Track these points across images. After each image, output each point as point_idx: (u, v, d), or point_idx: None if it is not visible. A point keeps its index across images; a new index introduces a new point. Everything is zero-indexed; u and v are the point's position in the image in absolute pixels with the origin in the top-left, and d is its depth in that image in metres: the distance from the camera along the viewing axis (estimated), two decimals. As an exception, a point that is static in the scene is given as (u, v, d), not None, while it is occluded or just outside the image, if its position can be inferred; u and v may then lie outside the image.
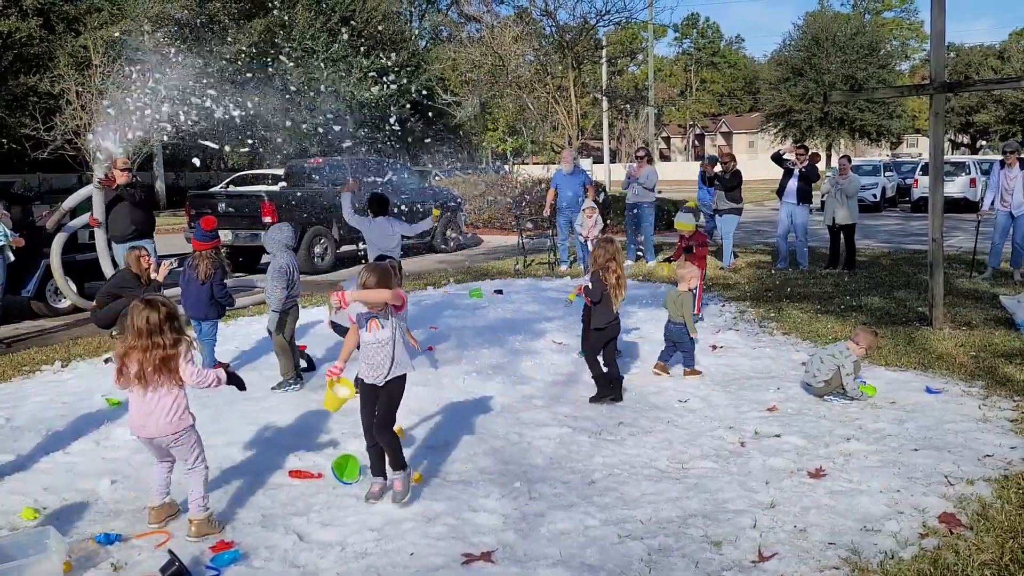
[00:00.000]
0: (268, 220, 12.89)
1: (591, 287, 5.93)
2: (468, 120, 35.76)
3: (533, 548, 3.70)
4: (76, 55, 23.45)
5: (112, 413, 5.71)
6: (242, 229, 13.25)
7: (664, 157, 78.06)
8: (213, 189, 20.94)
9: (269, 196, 13.42)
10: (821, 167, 14.27)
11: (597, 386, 5.90)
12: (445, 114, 32.71)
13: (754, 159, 52.39)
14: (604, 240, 6.02)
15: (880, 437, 5.01)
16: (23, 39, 23.81)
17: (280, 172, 18.42)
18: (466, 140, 45.72)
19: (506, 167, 29.28)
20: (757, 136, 70.70)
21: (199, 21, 28.40)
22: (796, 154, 12.52)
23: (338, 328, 6.40)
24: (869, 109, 49.82)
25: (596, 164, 32.75)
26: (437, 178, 26.95)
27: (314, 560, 3.63)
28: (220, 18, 29.41)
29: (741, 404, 5.78)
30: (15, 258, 8.53)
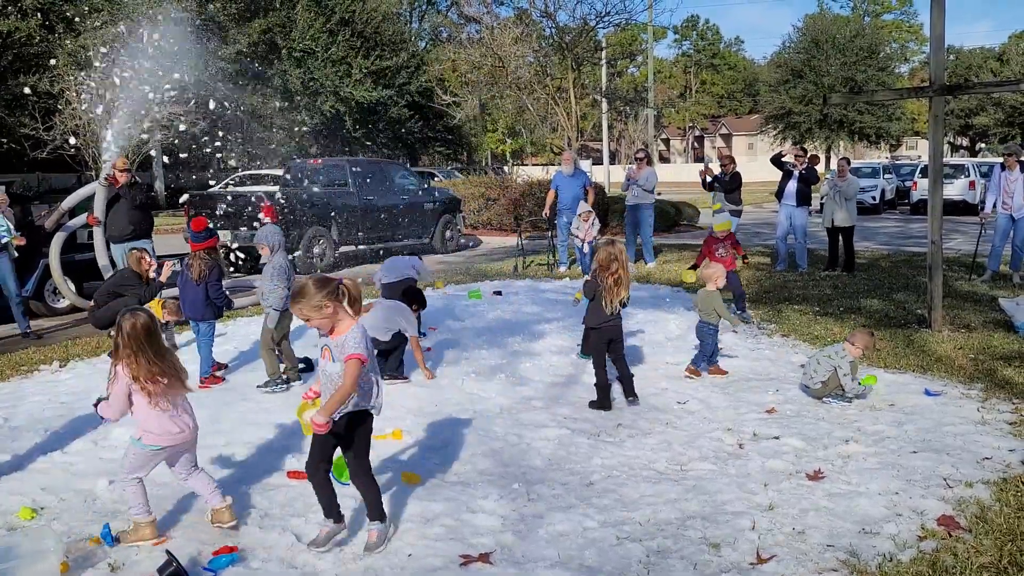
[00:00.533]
0: (268, 220, 12.87)
1: (586, 285, 5.95)
2: (468, 121, 35.77)
3: (531, 550, 3.70)
4: (76, 55, 23.44)
5: (110, 413, 5.70)
6: (242, 229, 13.24)
7: (663, 159, 78.11)
8: (213, 189, 20.87)
9: (269, 196, 13.40)
10: (820, 169, 14.26)
11: (597, 394, 5.86)
12: (445, 115, 32.71)
13: (753, 161, 52.50)
14: (607, 241, 6.01)
15: (879, 439, 5.01)
16: (23, 39, 23.82)
17: (279, 172, 18.40)
18: (466, 141, 45.75)
19: (505, 168, 29.27)
20: (756, 138, 70.74)
21: (198, 22, 28.37)
22: (795, 156, 12.53)
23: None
24: (868, 111, 49.87)
25: (596, 166, 32.77)
26: (437, 179, 26.99)
27: (312, 561, 3.63)
28: (219, 18, 29.41)
29: (740, 406, 5.77)
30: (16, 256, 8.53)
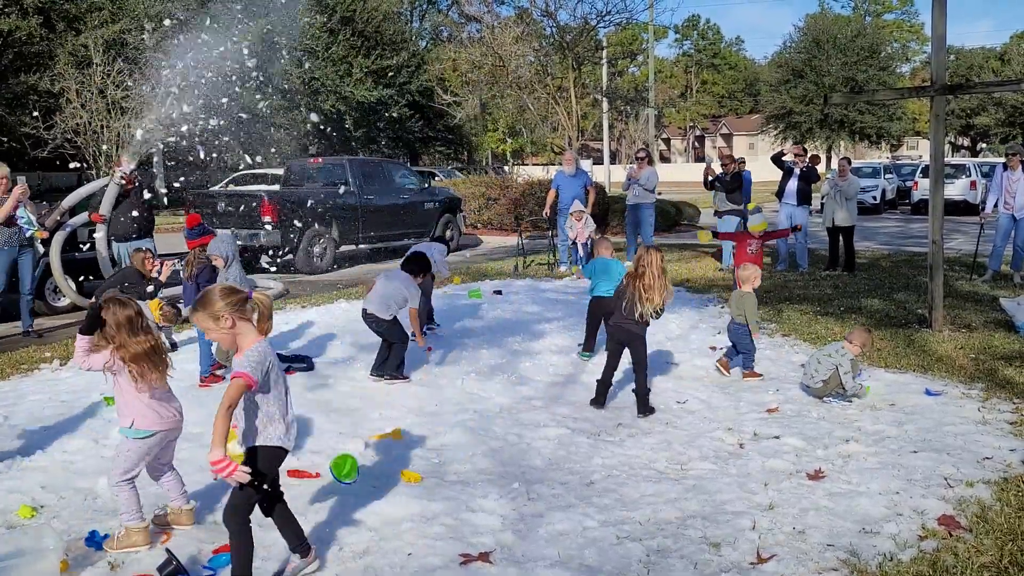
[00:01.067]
0: (268, 220, 12.89)
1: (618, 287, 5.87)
2: (468, 121, 35.79)
3: (531, 549, 3.70)
4: (76, 54, 23.45)
5: (110, 411, 5.67)
6: (242, 229, 13.24)
7: (664, 159, 78.11)
8: (213, 189, 20.89)
9: (269, 196, 13.41)
10: (821, 169, 14.27)
11: (596, 391, 5.84)
12: (445, 114, 32.73)
13: (754, 161, 52.27)
14: (645, 247, 5.80)
15: (879, 439, 5.01)
16: (23, 37, 23.83)
17: (279, 172, 18.41)
18: (466, 140, 45.74)
19: (506, 168, 29.25)
20: (757, 138, 70.72)
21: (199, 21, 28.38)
22: (795, 155, 12.52)
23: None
24: (869, 111, 49.92)
25: (596, 165, 32.78)
26: (437, 179, 27.00)
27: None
28: (220, 18, 29.38)
29: (740, 405, 5.77)
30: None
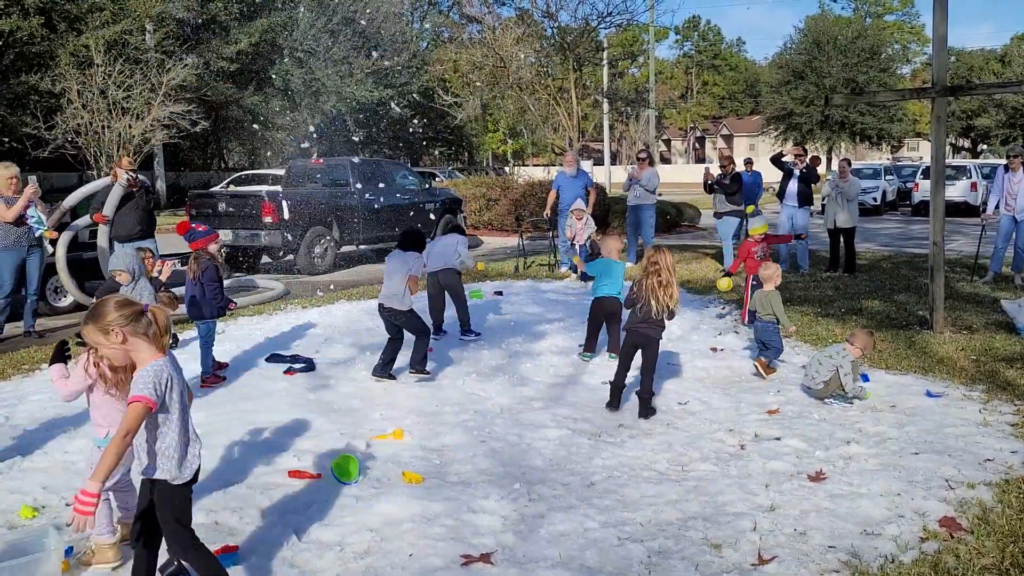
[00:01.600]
0: (268, 220, 12.89)
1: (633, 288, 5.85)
2: (469, 121, 35.78)
3: (532, 550, 3.69)
4: (78, 54, 23.46)
5: (111, 412, 5.69)
6: (242, 229, 13.24)
7: (665, 160, 78.13)
8: (214, 189, 20.91)
9: (269, 196, 13.41)
10: (821, 170, 14.26)
11: (610, 394, 5.78)
12: (446, 115, 32.72)
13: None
14: (654, 248, 5.86)
15: (880, 440, 5.00)
16: (24, 38, 23.84)
17: (280, 172, 18.41)
18: (467, 141, 45.75)
19: (506, 168, 29.24)
20: (758, 139, 70.70)
21: (200, 21, 28.41)
22: (795, 156, 12.51)
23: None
24: (870, 113, 49.91)
25: (597, 166, 32.77)
26: (438, 179, 27.00)
27: (312, 560, 3.62)
28: (221, 18, 29.43)
29: (741, 407, 5.77)
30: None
